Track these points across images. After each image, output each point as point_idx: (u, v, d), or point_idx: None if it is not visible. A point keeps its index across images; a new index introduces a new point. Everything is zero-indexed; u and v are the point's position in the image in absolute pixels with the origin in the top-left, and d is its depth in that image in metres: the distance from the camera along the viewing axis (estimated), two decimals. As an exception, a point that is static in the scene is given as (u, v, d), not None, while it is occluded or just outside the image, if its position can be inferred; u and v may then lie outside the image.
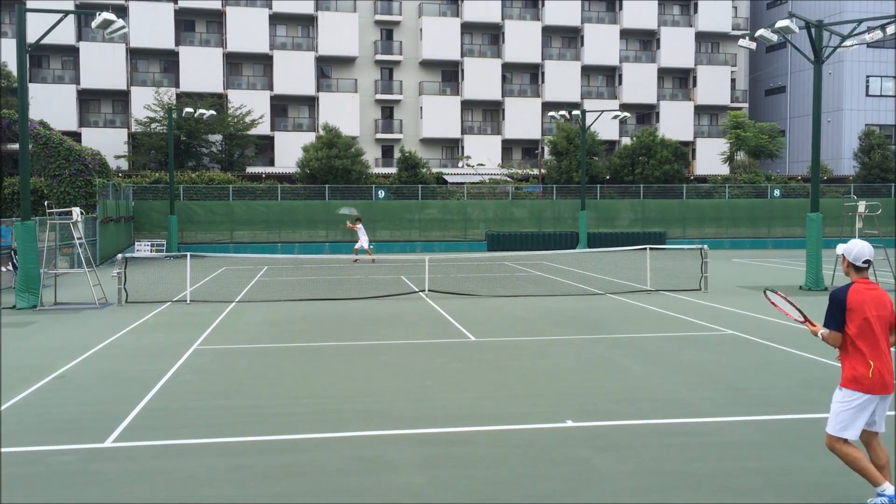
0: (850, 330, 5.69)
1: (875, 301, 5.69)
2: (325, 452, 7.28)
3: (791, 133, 62.70)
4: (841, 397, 5.76)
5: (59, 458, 7.16)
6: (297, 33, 57.66)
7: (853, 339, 5.69)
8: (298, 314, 16.48)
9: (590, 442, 7.54)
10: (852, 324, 5.67)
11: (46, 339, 13.67)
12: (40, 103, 47.83)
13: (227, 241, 37.67)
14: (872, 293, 5.71)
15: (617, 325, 14.89)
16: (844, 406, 5.73)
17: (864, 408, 5.68)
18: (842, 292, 5.74)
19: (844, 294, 5.71)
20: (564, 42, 61.66)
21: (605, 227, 40.58)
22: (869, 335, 5.65)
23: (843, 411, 5.73)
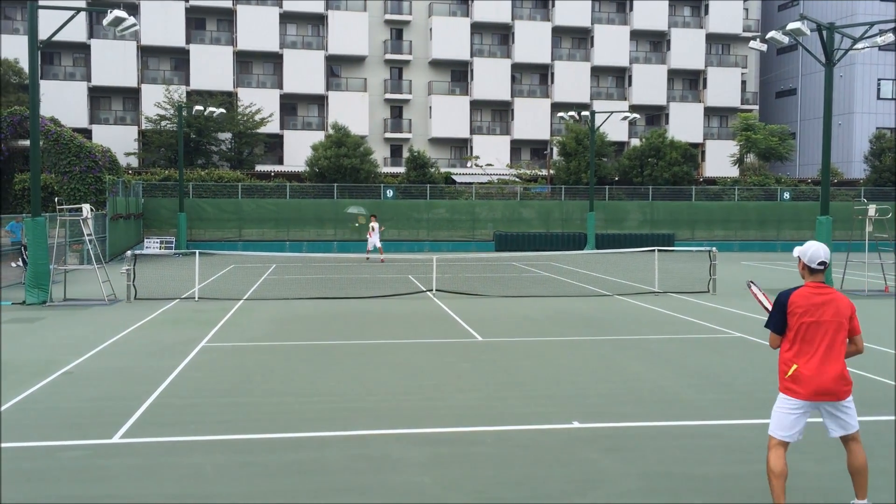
0: (788, 332, 5.56)
1: (822, 306, 5.46)
2: (331, 451, 7.29)
3: (801, 136, 62.48)
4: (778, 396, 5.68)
5: (66, 454, 7.19)
6: (307, 32, 57.76)
7: (789, 341, 5.56)
8: (306, 312, 16.51)
9: (596, 443, 7.53)
10: (791, 327, 5.52)
11: (55, 335, 13.73)
12: (51, 100, 48.04)
13: (235, 239, 37.76)
14: (822, 297, 5.48)
15: (624, 326, 14.87)
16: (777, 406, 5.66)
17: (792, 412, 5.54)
18: (786, 294, 5.58)
19: (787, 296, 5.56)
20: (574, 43, 61.58)
21: (613, 229, 40.51)
22: (804, 339, 5.47)
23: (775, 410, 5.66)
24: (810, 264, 5.58)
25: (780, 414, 5.61)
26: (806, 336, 5.47)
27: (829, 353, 5.47)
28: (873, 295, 20.13)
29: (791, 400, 5.54)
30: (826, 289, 5.56)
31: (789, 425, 5.57)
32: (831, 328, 5.47)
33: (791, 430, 5.58)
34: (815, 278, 5.59)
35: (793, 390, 5.52)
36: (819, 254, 5.55)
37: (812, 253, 5.56)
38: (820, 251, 5.56)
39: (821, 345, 5.46)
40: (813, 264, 5.57)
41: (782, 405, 5.61)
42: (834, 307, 5.49)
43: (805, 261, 5.60)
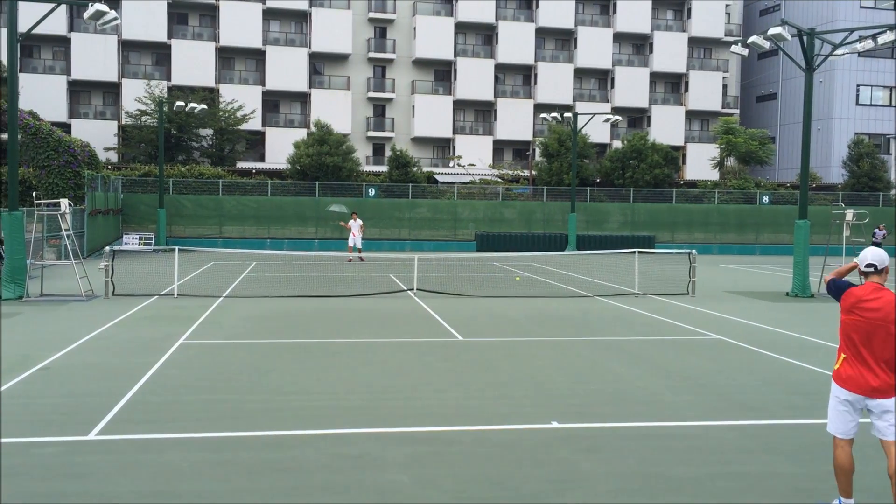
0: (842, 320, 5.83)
1: (876, 306, 5.62)
2: (309, 449, 7.27)
3: (781, 140, 62.99)
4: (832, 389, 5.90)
5: (42, 451, 7.13)
6: (290, 29, 57.54)
7: (842, 334, 5.84)
8: (286, 310, 16.45)
9: (574, 443, 7.56)
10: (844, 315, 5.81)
11: (32, 331, 13.60)
12: (30, 93, 47.48)
13: (215, 236, 37.56)
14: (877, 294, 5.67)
15: (604, 327, 14.94)
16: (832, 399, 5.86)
17: (842, 403, 5.75)
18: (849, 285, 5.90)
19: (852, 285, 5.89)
20: (558, 44, 61.75)
21: (594, 230, 40.67)
22: (856, 333, 5.69)
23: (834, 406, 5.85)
24: (861, 265, 5.88)
25: (831, 404, 5.93)
26: (855, 328, 5.76)
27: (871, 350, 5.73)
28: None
29: (836, 388, 5.88)
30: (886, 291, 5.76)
31: (838, 417, 5.88)
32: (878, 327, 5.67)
33: (840, 423, 5.88)
34: (870, 279, 5.82)
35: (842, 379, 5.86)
36: (866, 256, 5.85)
37: (865, 255, 5.87)
38: (867, 254, 5.86)
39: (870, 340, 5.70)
40: (861, 266, 5.87)
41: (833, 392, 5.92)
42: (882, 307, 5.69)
43: (862, 267, 5.88)
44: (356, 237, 29.75)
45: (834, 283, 6.03)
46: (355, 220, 30.22)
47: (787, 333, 14.45)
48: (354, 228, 29.92)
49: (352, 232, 29.94)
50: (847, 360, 5.71)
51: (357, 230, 29.85)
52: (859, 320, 5.67)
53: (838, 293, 5.91)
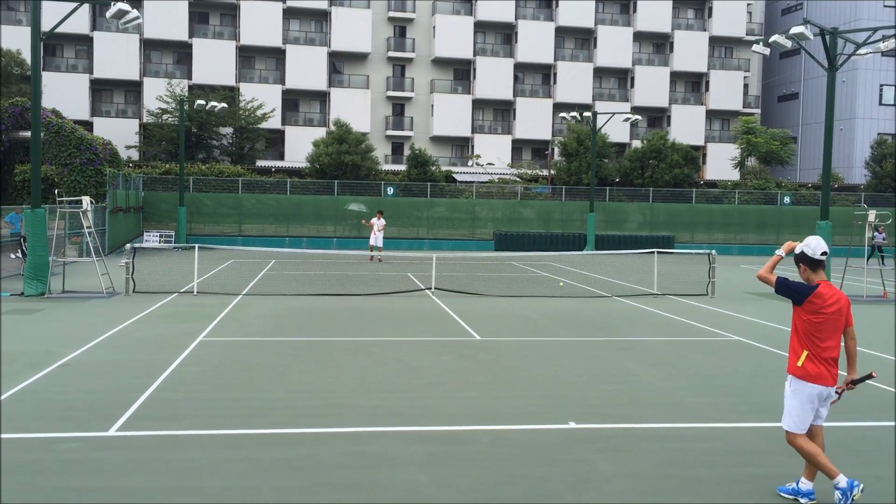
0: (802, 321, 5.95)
1: (837, 304, 5.93)
2: (326, 447, 7.29)
3: (803, 140, 62.47)
4: (787, 384, 6.08)
5: (62, 446, 7.19)
6: (310, 28, 57.74)
7: (802, 332, 5.97)
8: (304, 309, 16.51)
9: (592, 444, 7.53)
10: (809, 315, 5.91)
11: (53, 327, 13.73)
12: (53, 92, 48.00)
13: (235, 234, 37.75)
14: (834, 293, 5.96)
15: (622, 328, 14.87)
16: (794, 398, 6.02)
17: (810, 399, 5.97)
18: (813, 286, 5.96)
19: (814, 288, 5.94)
20: (577, 43, 61.57)
21: (613, 230, 40.51)
22: (819, 331, 5.91)
23: (795, 402, 6.02)
24: (815, 256, 5.96)
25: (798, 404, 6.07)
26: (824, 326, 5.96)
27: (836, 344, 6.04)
28: (871, 300, 20.13)
29: (804, 385, 6.03)
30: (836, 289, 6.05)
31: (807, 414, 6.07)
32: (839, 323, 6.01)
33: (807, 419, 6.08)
34: (819, 273, 6.01)
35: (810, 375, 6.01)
36: (819, 244, 5.95)
37: (814, 244, 5.96)
38: (818, 242, 5.97)
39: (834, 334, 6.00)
40: (817, 254, 5.96)
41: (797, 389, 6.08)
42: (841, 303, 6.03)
43: (809, 253, 5.96)
44: (376, 236, 29.53)
45: (789, 285, 6.03)
46: (379, 218, 29.71)
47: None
48: (377, 227, 29.51)
49: (373, 231, 29.72)
50: (809, 357, 5.91)
51: (378, 229, 29.54)
52: (825, 320, 5.90)
53: (801, 295, 5.95)
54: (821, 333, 5.91)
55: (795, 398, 6.00)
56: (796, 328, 6.02)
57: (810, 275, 6.02)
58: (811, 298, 5.91)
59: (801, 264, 6.05)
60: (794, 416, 6.01)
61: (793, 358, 6.03)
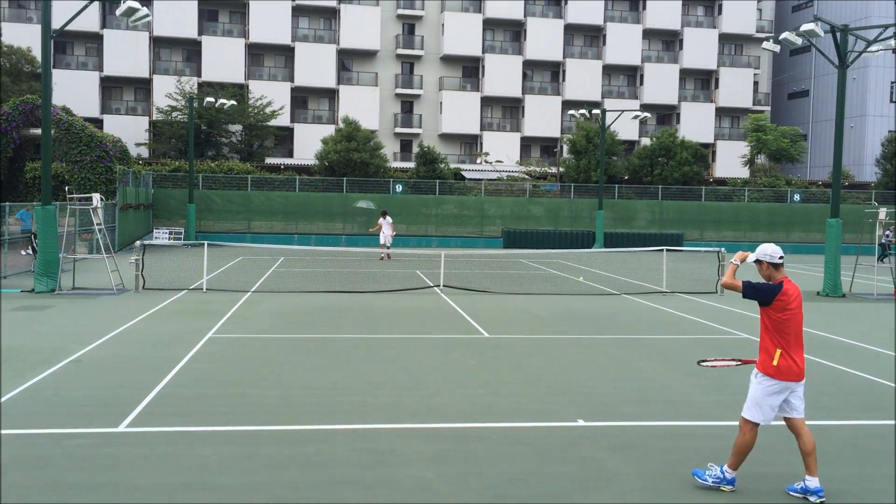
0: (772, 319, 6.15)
1: (797, 300, 6.17)
2: (335, 444, 7.30)
3: (813, 138, 62.21)
4: (758, 382, 6.23)
5: (73, 441, 7.23)
6: (319, 25, 57.78)
7: (773, 331, 6.16)
8: (313, 306, 16.53)
9: (601, 442, 7.53)
10: (778, 313, 6.11)
11: (63, 323, 13.78)
12: (63, 89, 48.22)
13: (244, 231, 37.84)
14: (794, 288, 6.19)
15: (631, 325, 14.85)
16: (762, 391, 6.20)
17: (777, 394, 6.16)
18: (778, 285, 6.18)
19: (779, 287, 6.16)
20: (586, 40, 61.45)
21: (621, 228, 40.43)
22: (787, 327, 6.12)
23: (764, 397, 6.19)
24: (773, 260, 6.20)
25: (765, 396, 6.25)
26: (790, 323, 6.18)
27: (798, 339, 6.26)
28: (882, 299, 20.04)
29: (774, 382, 6.21)
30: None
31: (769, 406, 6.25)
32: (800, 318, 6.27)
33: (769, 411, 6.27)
34: (781, 272, 6.23)
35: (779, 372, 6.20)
36: (776, 249, 6.22)
37: (771, 250, 6.21)
38: (774, 248, 6.23)
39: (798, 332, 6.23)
40: (776, 259, 6.19)
41: (765, 385, 6.25)
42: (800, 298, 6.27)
43: (768, 260, 6.20)
44: (386, 235, 29.57)
45: (756, 287, 6.22)
46: (384, 218, 29.73)
47: (817, 333, 14.27)
48: (385, 226, 29.59)
49: (381, 230, 29.70)
50: (783, 354, 6.10)
51: (387, 228, 29.58)
52: (791, 316, 6.13)
53: (769, 295, 6.13)
54: (788, 329, 6.12)
55: (766, 393, 6.17)
56: (767, 327, 6.20)
57: (772, 272, 6.24)
58: (779, 297, 6.10)
59: (763, 263, 6.27)
60: (765, 409, 6.18)
61: (765, 357, 6.20)
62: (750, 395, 6.27)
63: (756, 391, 6.22)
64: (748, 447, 6.23)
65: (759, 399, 6.19)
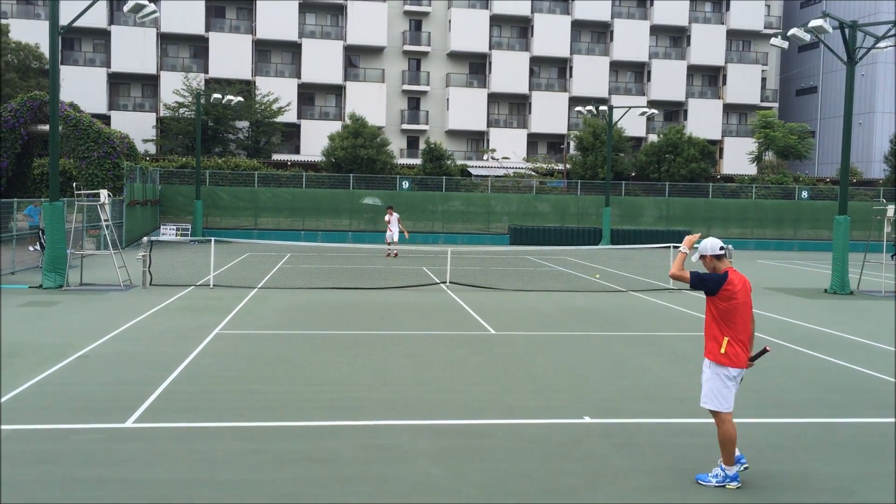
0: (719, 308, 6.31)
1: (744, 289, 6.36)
2: (342, 440, 7.32)
3: (821, 134, 61.99)
4: (709, 371, 6.35)
5: (81, 437, 7.26)
6: (326, 22, 57.79)
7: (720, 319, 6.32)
8: (320, 302, 16.56)
9: (607, 439, 7.53)
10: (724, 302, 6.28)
11: (71, 319, 13.84)
12: (71, 85, 48.37)
13: (251, 228, 37.90)
14: (744, 282, 6.38)
15: (638, 322, 14.83)
16: (720, 381, 6.30)
17: (732, 381, 6.32)
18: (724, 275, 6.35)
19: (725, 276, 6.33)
20: (593, 37, 61.32)
21: (628, 224, 40.37)
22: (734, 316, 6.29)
23: (719, 385, 6.31)
24: (714, 252, 6.39)
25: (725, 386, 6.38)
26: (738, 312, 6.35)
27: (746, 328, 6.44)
28: (890, 296, 19.96)
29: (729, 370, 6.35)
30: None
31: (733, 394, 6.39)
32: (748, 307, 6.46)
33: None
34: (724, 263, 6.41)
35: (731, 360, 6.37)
36: (717, 242, 6.42)
37: (710, 244, 6.40)
38: (714, 241, 6.45)
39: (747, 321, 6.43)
40: (716, 250, 6.39)
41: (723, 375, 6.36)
42: (748, 288, 6.48)
43: (711, 253, 6.39)
44: (393, 231, 29.40)
45: (702, 277, 6.36)
46: (391, 213, 29.47)
47: (825, 331, 14.24)
48: (392, 222, 29.19)
49: (388, 226, 29.43)
50: (730, 342, 6.29)
51: (394, 224, 29.51)
52: (737, 304, 6.30)
53: (716, 285, 6.30)
54: (735, 318, 6.31)
55: (719, 381, 6.31)
56: (714, 317, 6.37)
57: (716, 263, 6.42)
58: (725, 286, 6.29)
59: (706, 256, 6.46)
60: (722, 397, 6.31)
61: (714, 345, 6.34)
62: (709, 387, 6.36)
63: (714, 381, 6.34)
64: (733, 436, 6.28)
65: (719, 388, 6.31)
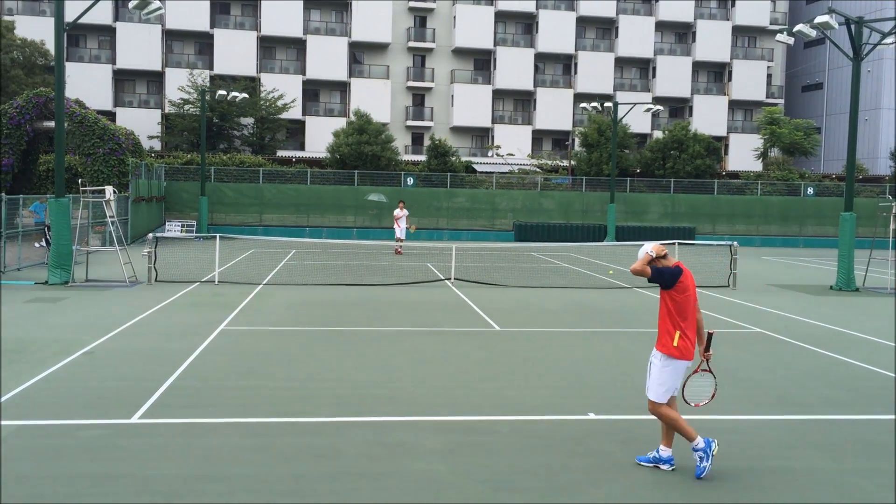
0: (675, 301, 6.52)
1: (693, 284, 6.60)
2: (347, 436, 7.33)
3: (827, 131, 61.81)
4: (663, 364, 6.50)
5: (86, 433, 7.28)
6: (330, 18, 57.77)
7: (674, 313, 6.52)
8: (324, 298, 16.58)
9: (612, 435, 7.53)
10: (680, 294, 6.49)
11: (77, 315, 13.87)
12: (76, 82, 48.42)
13: (256, 224, 37.93)
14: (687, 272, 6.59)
15: (643, 319, 14.82)
16: (667, 372, 6.49)
17: (680, 372, 6.52)
18: (677, 268, 6.55)
19: (680, 270, 6.53)
20: (598, 33, 61.20)
21: (633, 221, 40.31)
22: (685, 308, 6.52)
23: (669, 377, 6.50)
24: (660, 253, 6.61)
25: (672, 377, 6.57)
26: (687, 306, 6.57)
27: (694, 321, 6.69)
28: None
29: (676, 361, 6.54)
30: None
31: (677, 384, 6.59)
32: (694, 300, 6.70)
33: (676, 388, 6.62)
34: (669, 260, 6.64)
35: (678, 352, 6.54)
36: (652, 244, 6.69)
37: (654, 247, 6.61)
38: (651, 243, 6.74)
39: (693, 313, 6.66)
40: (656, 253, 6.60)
41: (670, 366, 6.55)
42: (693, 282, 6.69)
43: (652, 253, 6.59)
44: (401, 228, 28.84)
45: (661, 271, 6.53)
46: (402, 209, 28.88)
47: (830, 328, 14.21)
48: (401, 219, 28.67)
49: (397, 222, 28.87)
50: (681, 335, 6.49)
51: (402, 220, 28.70)
52: (687, 297, 6.54)
53: (673, 278, 6.49)
54: (686, 311, 6.54)
55: (667, 373, 6.48)
56: (669, 311, 6.55)
57: (663, 262, 6.63)
58: (680, 279, 6.50)
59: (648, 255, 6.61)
60: (666, 388, 6.49)
61: (667, 339, 6.51)
62: (658, 379, 6.51)
63: (663, 373, 6.49)
64: (676, 414, 6.51)
65: (667, 380, 6.49)
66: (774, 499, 6.09)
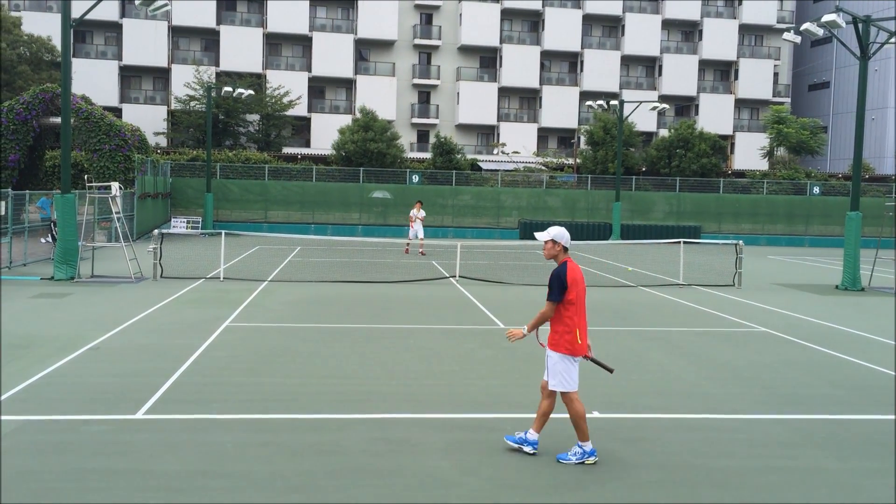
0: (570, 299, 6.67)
1: (581, 278, 6.78)
2: (351, 433, 7.34)
3: (833, 130, 61.64)
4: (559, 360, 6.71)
5: (91, 428, 7.30)
6: (336, 15, 57.77)
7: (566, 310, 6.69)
8: (329, 295, 16.59)
9: (616, 434, 7.52)
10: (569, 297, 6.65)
11: (82, 311, 13.91)
12: (83, 78, 48.54)
13: (261, 221, 37.98)
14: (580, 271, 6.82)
15: (647, 318, 14.81)
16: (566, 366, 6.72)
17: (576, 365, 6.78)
18: (562, 271, 6.70)
19: (564, 272, 6.69)
20: (605, 31, 61.10)
21: (639, 220, 40.26)
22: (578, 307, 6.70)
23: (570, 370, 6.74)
24: (567, 245, 6.80)
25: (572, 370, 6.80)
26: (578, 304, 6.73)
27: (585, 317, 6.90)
28: (902, 293, 19.87)
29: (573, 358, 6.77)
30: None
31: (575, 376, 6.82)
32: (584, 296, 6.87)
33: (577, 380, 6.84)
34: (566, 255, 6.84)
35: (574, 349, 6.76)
36: (567, 234, 6.85)
37: (565, 235, 6.79)
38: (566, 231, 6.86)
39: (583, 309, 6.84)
40: (567, 244, 6.80)
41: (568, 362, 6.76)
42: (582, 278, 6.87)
43: (563, 243, 6.77)
44: (414, 228, 27.50)
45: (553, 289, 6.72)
46: (419, 209, 27.55)
47: (835, 327, 14.18)
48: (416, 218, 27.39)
49: (411, 223, 27.68)
50: (580, 333, 6.72)
51: (418, 221, 27.29)
52: (580, 294, 6.75)
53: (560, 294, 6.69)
54: (580, 309, 6.75)
55: (567, 365, 6.71)
56: (568, 311, 6.70)
57: (560, 252, 6.82)
58: (567, 290, 6.68)
59: (555, 242, 6.79)
60: (571, 379, 6.75)
61: (570, 338, 6.69)
62: (556, 371, 6.73)
63: (559, 365, 6.72)
64: (582, 412, 6.71)
65: (565, 370, 6.72)
66: (778, 498, 6.08)
